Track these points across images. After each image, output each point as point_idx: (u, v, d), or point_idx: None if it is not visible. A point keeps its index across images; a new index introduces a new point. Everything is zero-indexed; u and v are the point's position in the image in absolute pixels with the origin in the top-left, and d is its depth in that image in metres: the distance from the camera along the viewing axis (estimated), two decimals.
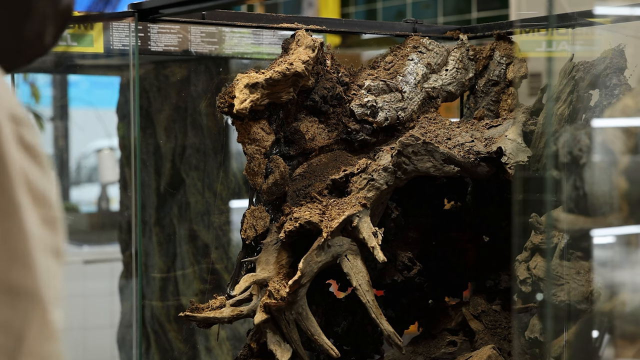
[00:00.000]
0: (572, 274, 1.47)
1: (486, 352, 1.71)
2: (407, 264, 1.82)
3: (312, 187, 1.69)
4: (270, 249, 1.65)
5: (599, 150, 1.30)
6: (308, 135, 1.74)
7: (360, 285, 1.62)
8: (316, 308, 1.72)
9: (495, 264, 1.89)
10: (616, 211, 1.24)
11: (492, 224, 1.91)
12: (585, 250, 1.48)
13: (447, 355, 1.85)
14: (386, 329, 1.62)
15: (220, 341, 2.88)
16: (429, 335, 1.91)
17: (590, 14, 1.63)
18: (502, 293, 1.88)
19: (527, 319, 1.62)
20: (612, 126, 1.30)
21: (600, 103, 1.58)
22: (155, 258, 2.93)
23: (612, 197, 1.24)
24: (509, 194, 1.80)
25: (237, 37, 2.49)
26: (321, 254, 1.60)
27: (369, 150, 1.78)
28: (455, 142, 1.71)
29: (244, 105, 1.56)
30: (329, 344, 1.61)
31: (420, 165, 1.65)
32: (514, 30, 1.92)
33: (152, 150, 2.95)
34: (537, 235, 1.55)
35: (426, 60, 1.85)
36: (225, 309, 1.62)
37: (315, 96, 1.73)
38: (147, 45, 2.26)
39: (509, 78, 1.87)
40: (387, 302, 1.89)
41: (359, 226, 1.60)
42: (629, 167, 1.23)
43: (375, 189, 1.64)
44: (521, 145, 1.65)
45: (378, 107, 1.77)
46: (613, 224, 1.27)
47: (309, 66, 1.65)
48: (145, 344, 2.90)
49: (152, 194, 2.92)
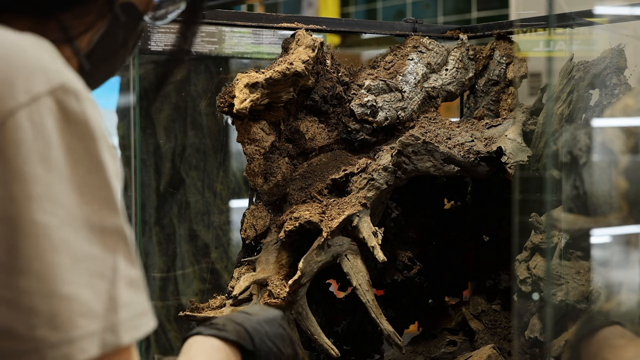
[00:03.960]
0: (572, 273, 1.47)
1: (486, 351, 1.71)
2: (407, 263, 1.82)
3: (312, 186, 1.69)
4: (270, 248, 1.65)
5: (599, 150, 1.30)
6: (308, 135, 1.74)
7: (360, 285, 1.62)
8: (316, 308, 1.72)
9: (495, 263, 1.89)
10: (616, 211, 1.24)
11: (492, 224, 1.91)
12: (585, 250, 1.48)
13: (447, 355, 1.86)
14: (386, 328, 1.62)
15: None
16: (429, 335, 1.91)
17: (590, 13, 1.63)
18: (502, 293, 1.88)
19: (527, 319, 1.62)
20: (612, 126, 1.30)
21: (600, 103, 1.58)
22: (155, 258, 2.93)
23: (612, 197, 1.24)
24: (509, 194, 1.80)
25: (237, 37, 2.49)
26: (321, 254, 1.60)
27: (369, 150, 1.78)
28: (455, 142, 1.71)
29: (244, 105, 1.56)
30: (329, 343, 1.61)
31: (420, 164, 1.65)
32: (513, 30, 1.92)
33: (152, 150, 2.95)
34: (537, 235, 1.55)
35: (426, 59, 1.85)
36: (225, 309, 1.62)
37: (315, 96, 1.73)
38: (147, 45, 2.26)
39: (509, 78, 1.87)
40: (387, 302, 1.89)
41: (359, 226, 1.60)
42: (629, 167, 1.23)
43: (375, 188, 1.64)
44: (521, 145, 1.65)
45: (378, 106, 1.77)
46: (613, 224, 1.27)
47: (309, 66, 1.65)
48: (145, 343, 2.90)
49: (152, 194, 2.92)
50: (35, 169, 0.75)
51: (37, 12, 0.89)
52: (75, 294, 0.75)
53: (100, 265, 0.77)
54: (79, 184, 0.77)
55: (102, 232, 0.78)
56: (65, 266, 0.75)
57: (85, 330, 0.75)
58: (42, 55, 0.80)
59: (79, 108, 0.78)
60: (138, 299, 0.80)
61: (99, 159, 0.79)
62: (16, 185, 0.74)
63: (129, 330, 0.78)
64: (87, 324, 0.75)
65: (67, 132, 0.77)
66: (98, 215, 0.78)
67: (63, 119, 0.77)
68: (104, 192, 0.79)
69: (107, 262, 0.78)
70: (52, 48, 0.83)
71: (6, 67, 0.77)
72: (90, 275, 0.76)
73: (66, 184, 0.76)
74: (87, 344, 0.75)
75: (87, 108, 0.79)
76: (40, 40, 0.83)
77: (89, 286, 0.76)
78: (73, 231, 0.76)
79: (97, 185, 0.78)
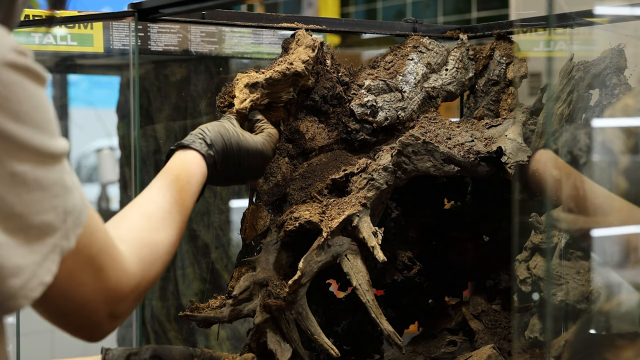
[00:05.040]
0: (572, 273, 1.47)
1: (486, 351, 1.71)
2: (407, 263, 1.82)
3: (312, 186, 1.69)
4: (270, 248, 1.65)
5: (599, 150, 1.30)
6: (308, 135, 1.74)
7: (360, 285, 1.62)
8: (316, 308, 1.72)
9: (495, 263, 1.89)
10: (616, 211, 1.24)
11: (492, 224, 1.91)
12: (585, 250, 1.48)
13: (447, 355, 1.85)
14: (386, 328, 1.62)
15: (220, 341, 2.88)
16: (429, 335, 1.91)
17: (590, 13, 1.63)
18: (502, 293, 1.88)
19: (527, 319, 1.62)
20: (612, 126, 1.30)
21: (600, 103, 1.58)
22: None
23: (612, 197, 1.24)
24: (509, 194, 1.80)
25: (237, 37, 2.50)
26: (321, 254, 1.60)
27: (369, 150, 1.78)
28: (455, 142, 1.71)
29: (244, 104, 1.56)
30: (329, 343, 1.61)
31: (420, 164, 1.65)
32: (513, 30, 1.92)
33: (152, 150, 2.95)
34: (537, 235, 1.55)
35: (426, 59, 1.85)
36: (225, 309, 1.62)
37: (315, 96, 1.73)
38: (147, 45, 2.26)
39: (509, 78, 1.87)
40: (387, 302, 1.89)
41: (359, 226, 1.60)
42: (629, 167, 1.23)
43: (375, 188, 1.64)
44: (521, 144, 1.65)
45: (378, 106, 1.77)
46: (613, 224, 1.27)
47: (309, 66, 1.65)
48: (145, 343, 2.90)
49: None
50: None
51: None
52: (47, 221, 0.89)
53: (55, 189, 0.89)
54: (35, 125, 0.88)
55: (49, 156, 0.89)
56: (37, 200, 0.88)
57: (51, 244, 0.90)
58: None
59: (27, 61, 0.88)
60: (76, 198, 0.93)
61: (42, 96, 0.89)
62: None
63: (76, 227, 0.93)
64: (51, 241, 0.90)
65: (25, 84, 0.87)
66: (44, 142, 0.88)
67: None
68: (50, 124, 0.90)
69: (58, 184, 0.90)
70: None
71: None
72: (50, 200, 0.89)
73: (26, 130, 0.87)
74: (54, 255, 0.91)
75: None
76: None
77: (53, 210, 0.89)
78: (38, 169, 0.88)
79: (41, 117, 0.89)
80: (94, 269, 0.97)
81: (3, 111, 0.84)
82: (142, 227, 1.17)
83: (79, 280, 0.95)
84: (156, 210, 1.22)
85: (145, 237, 1.15)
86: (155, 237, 1.16)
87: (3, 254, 0.85)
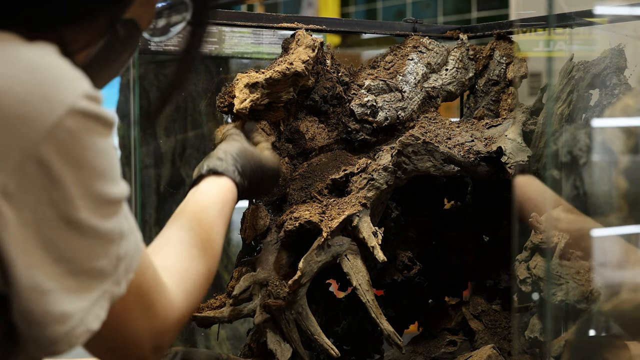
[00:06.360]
0: (572, 273, 1.47)
1: (486, 351, 1.71)
2: (407, 263, 1.82)
3: (312, 186, 1.69)
4: (270, 248, 1.65)
5: (599, 150, 1.30)
6: (308, 135, 1.74)
7: (360, 285, 1.62)
8: (316, 308, 1.72)
9: (495, 263, 1.89)
10: (616, 211, 1.24)
11: (492, 224, 1.91)
12: (585, 250, 1.48)
13: (447, 355, 1.86)
14: (386, 328, 1.62)
15: (220, 341, 2.88)
16: (429, 335, 1.91)
17: (590, 13, 1.63)
18: (502, 293, 1.88)
19: (527, 319, 1.62)
20: (612, 126, 1.30)
21: (600, 103, 1.58)
22: None
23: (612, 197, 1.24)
24: (509, 194, 1.80)
25: (237, 37, 2.50)
26: (321, 254, 1.60)
27: (369, 150, 1.78)
28: (455, 142, 1.71)
29: (244, 104, 1.56)
30: (329, 343, 1.61)
31: (420, 164, 1.65)
32: (513, 30, 1.92)
33: (152, 150, 2.95)
34: (537, 235, 1.55)
35: (426, 59, 1.85)
36: (225, 309, 1.62)
37: (315, 96, 1.73)
38: (147, 45, 2.26)
39: (509, 78, 1.87)
40: (387, 302, 1.89)
41: (359, 226, 1.60)
42: (629, 167, 1.23)
43: (375, 188, 1.64)
44: (521, 144, 1.65)
45: (378, 106, 1.77)
46: (613, 224, 1.27)
47: (309, 66, 1.65)
48: None
49: (152, 194, 2.92)
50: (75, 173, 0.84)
51: (40, 26, 0.88)
52: (98, 267, 0.87)
53: (111, 236, 0.87)
54: (100, 172, 0.86)
55: (108, 204, 0.87)
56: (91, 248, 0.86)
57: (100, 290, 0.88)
58: (62, 64, 0.85)
59: (99, 110, 0.87)
60: (130, 243, 0.91)
61: (108, 143, 0.87)
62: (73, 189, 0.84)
63: (128, 273, 0.91)
64: (101, 286, 0.87)
65: (94, 134, 0.85)
66: (104, 191, 0.87)
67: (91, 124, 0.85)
68: (112, 171, 0.88)
69: (114, 232, 0.87)
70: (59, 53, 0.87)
71: (36, 81, 0.82)
72: (104, 247, 0.87)
73: (92, 178, 0.85)
74: (103, 301, 0.88)
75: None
76: (50, 47, 0.86)
77: (106, 256, 0.87)
78: (95, 217, 0.85)
79: (104, 165, 0.87)
80: (144, 307, 0.96)
81: (64, 158, 0.82)
82: (184, 256, 1.14)
83: (128, 318, 0.94)
84: (195, 239, 1.19)
85: (187, 268, 1.13)
86: (197, 267, 1.15)
87: (50, 300, 0.82)
